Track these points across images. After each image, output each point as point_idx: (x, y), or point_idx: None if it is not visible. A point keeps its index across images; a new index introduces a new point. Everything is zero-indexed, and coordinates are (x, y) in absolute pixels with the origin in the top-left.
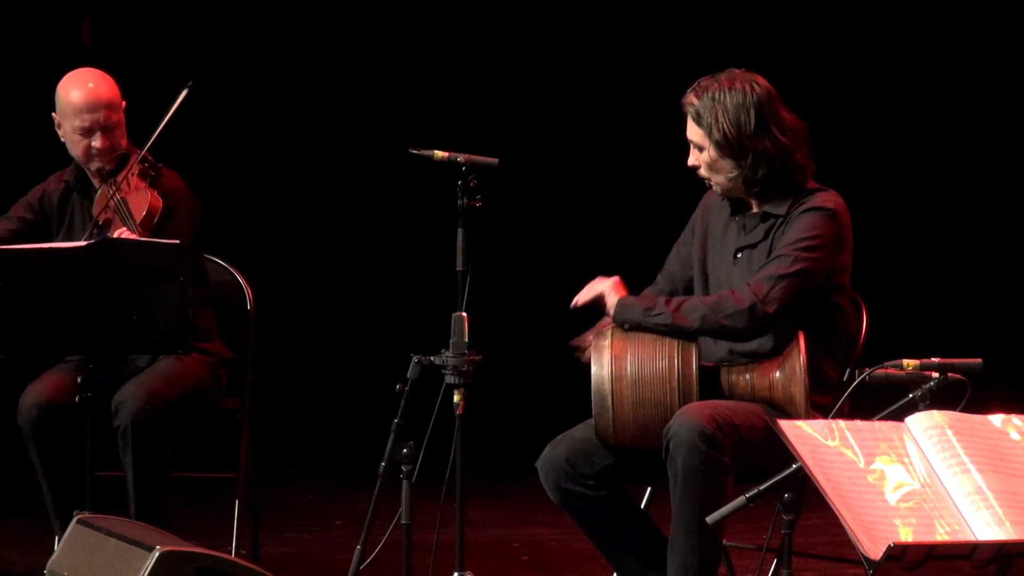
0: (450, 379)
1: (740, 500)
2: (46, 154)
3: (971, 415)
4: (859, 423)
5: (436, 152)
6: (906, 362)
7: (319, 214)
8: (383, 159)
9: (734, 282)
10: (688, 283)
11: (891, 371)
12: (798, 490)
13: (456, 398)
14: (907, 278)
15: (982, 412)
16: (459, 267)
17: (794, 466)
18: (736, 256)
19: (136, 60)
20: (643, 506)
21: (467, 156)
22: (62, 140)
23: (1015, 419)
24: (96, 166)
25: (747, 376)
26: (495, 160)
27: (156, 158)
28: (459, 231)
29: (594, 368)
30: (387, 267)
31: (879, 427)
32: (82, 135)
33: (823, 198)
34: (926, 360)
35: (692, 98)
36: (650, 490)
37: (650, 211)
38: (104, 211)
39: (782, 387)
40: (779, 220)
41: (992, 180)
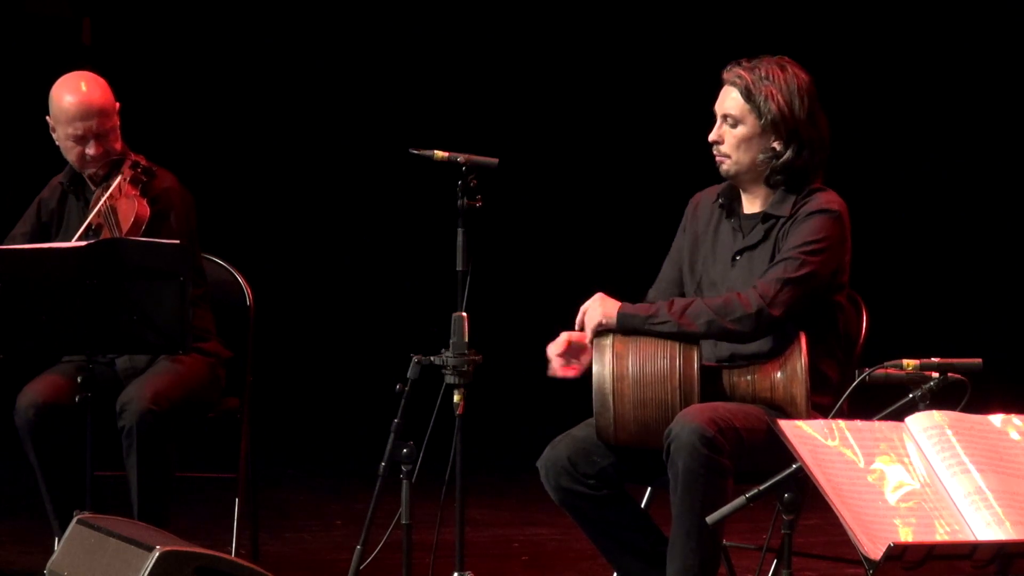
0: (450, 379)
1: (740, 500)
2: (46, 154)
3: (971, 415)
4: (859, 423)
5: (436, 152)
6: (906, 362)
7: (319, 214)
8: (383, 159)
9: (734, 285)
10: (682, 295)
11: (891, 371)
12: (798, 490)
13: (456, 398)
14: (907, 278)
15: (982, 412)
16: (459, 267)
17: (794, 466)
18: (735, 259)
19: (136, 60)
20: (643, 506)
21: (467, 156)
22: (56, 144)
23: (1015, 419)
24: (90, 172)
25: (748, 377)
26: (495, 160)
27: (151, 158)
28: (459, 231)
29: (596, 367)
30: (387, 267)
31: (879, 427)
32: (75, 142)
33: (827, 199)
34: (926, 360)
35: (741, 72)
36: (650, 490)
37: (650, 211)
38: (96, 215)
39: (783, 388)
40: (781, 220)
41: (992, 180)
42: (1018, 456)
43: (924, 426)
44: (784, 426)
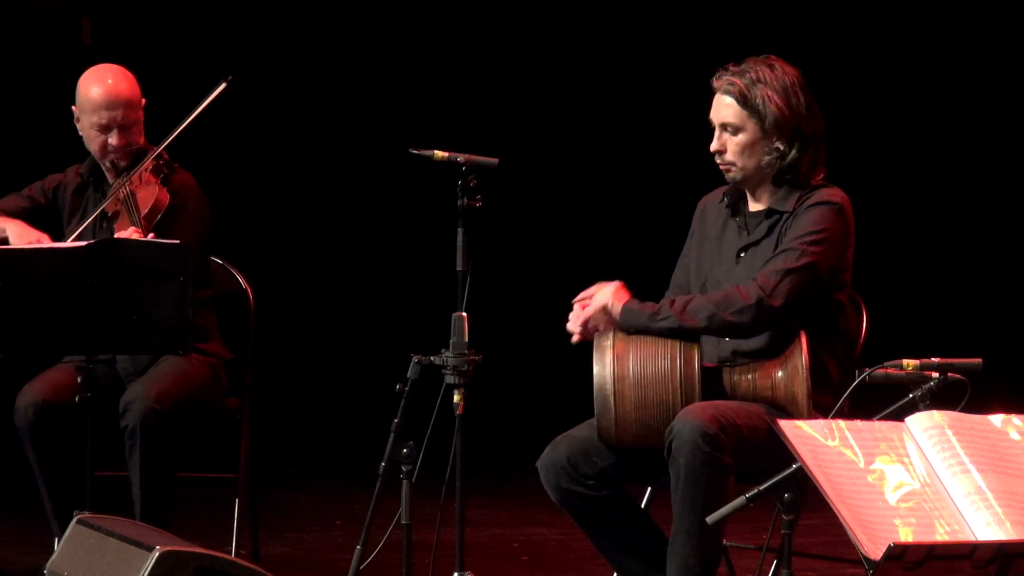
0: (450, 379)
1: (740, 500)
2: (46, 153)
3: (971, 415)
4: (859, 423)
5: (436, 152)
6: (906, 362)
7: (319, 214)
8: (383, 159)
9: (738, 281)
10: None
11: (891, 371)
12: (798, 490)
13: (456, 398)
14: (907, 278)
15: (982, 412)
16: (459, 267)
17: (794, 466)
18: (739, 256)
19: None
20: (643, 506)
21: (467, 156)
22: (80, 134)
23: (1015, 419)
24: (110, 161)
25: (749, 376)
26: (495, 160)
27: (171, 158)
28: (459, 231)
29: (596, 368)
30: (387, 267)
31: (879, 427)
32: (99, 131)
33: (829, 193)
34: (926, 360)
35: (732, 79)
36: (650, 490)
37: (650, 211)
38: (114, 203)
39: (784, 387)
40: (784, 216)
41: (992, 180)
42: (1018, 456)
43: (924, 426)
44: (784, 426)
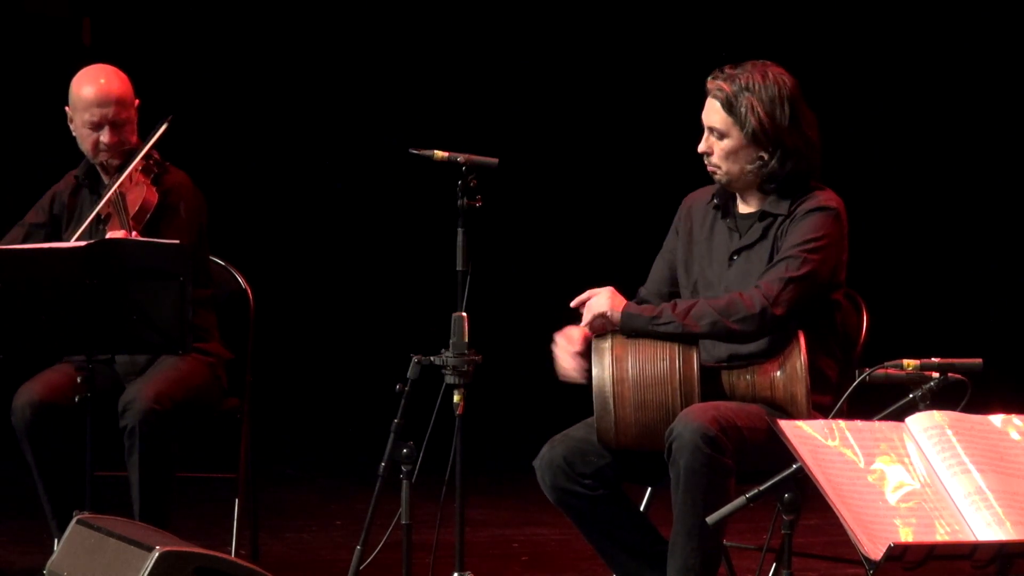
0: (450, 379)
1: (740, 500)
2: (46, 153)
3: (971, 415)
4: (859, 423)
5: (436, 152)
6: (906, 362)
7: (319, 214)
8: (383, 159)
9: (731, 284)
10: (673, 293)
11: (891, 371)
12: (798, 490)
13: (456, 398)
14: (907, 278)
15: (982, 412)
16: (459, 267)
17: (794, 466)
18: (732, 259)
19: (136, 60)
20: (643, 507)
21: (467, 156)
22: (73, 134)
23: (1015, 419)
24: (102, 160)
25: (748, 377)
26: (495, 160)
27: (163, 158)
28: (459, 231)
29: (595, 371)
30: (387, 267)
31: (879, 427)
32: (91, 129)
33: (824, 197)
34: (926, 360)
35: (722, 84)
36: (650, 491)
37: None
38: (105, 204)
39: (783, 387)
40: (779, 219)
41: (992, 180)
42: (1018, 456)
43: (924, 426)
44: (784, 426)
